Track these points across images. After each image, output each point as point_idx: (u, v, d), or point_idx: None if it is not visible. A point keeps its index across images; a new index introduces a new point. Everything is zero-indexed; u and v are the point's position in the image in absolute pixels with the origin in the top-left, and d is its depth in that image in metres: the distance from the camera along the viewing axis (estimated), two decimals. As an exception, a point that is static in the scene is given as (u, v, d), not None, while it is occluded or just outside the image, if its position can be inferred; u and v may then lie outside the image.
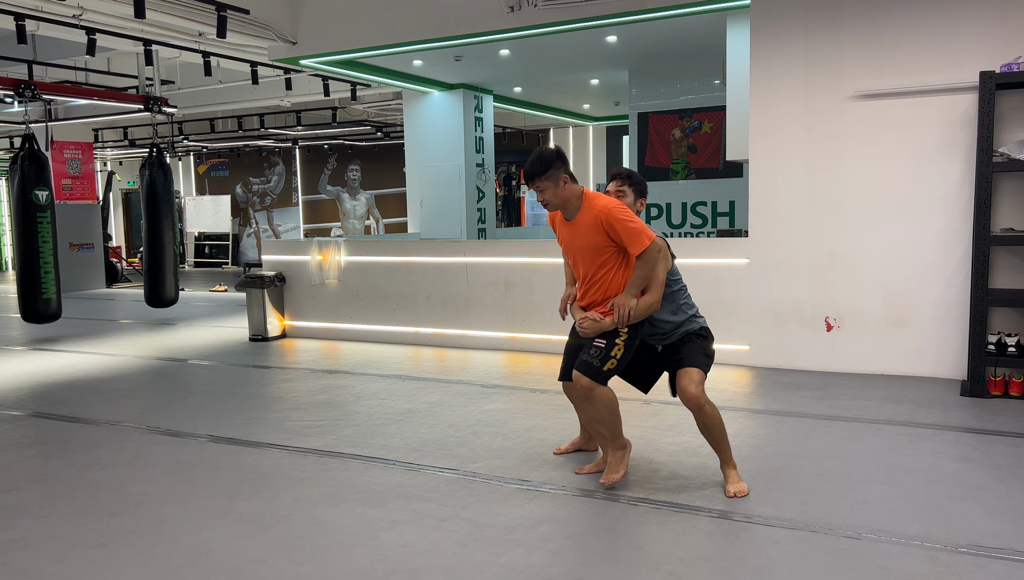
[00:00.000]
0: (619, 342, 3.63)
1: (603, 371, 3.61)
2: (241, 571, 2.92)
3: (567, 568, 2.89)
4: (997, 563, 2.87)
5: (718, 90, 9.46)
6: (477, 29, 7.39)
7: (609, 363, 3.61)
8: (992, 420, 4.71)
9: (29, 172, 8.08)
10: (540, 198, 3.65)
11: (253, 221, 19.71)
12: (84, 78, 11.17)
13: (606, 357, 3.61)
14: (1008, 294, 5.31)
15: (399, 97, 12.29)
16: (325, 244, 8.33)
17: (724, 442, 3.70)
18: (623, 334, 3.65)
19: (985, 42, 5.45)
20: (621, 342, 3.63)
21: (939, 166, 5.66)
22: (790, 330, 6.19)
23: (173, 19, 7.37)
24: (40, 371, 6.88)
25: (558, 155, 3.62)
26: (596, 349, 3.62)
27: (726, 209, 9.56)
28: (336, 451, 4.35)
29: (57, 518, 3.47)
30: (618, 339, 3.63)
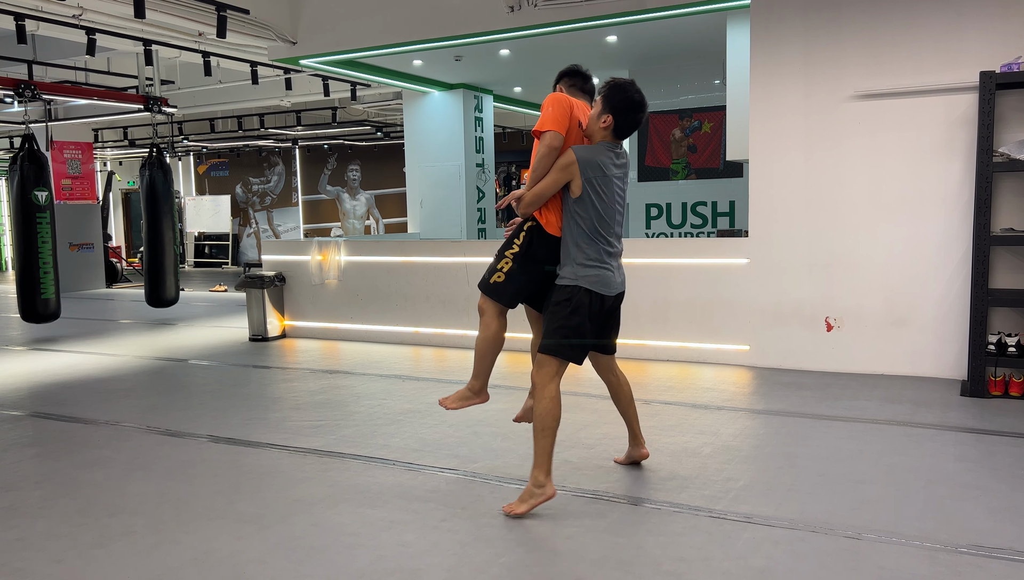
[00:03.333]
0: (507, 255, 3.56)
1: (488, 283, 3.56)
2: (241, 571, 2.92)
3: (567, 568, 2.89)
4: (997, 563, 2.87)
5: (718, 90, 9.46)
6: (477, 29, 7.39)
7: (496, 276, 3.54)
8: (992, 420, 4.71)
9: (29, 172, 8.08)
10: None
11: (253, 221, 19.71)
12: (84, 78, 11.17)
13: (493, 269, 3.56)
14: (1008, 294, 5.31)
15: (399, 97, 12.29)
16: (325, 244, 8.32)
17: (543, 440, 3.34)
18: (513, 247, 3.56)
19: (985, 42, 5.45)
20: (509, 255, 3.56)
21: (939, 166, 5.66)
22: (790, 330, 6.19)
23: (173, 19, 7.37)
24: (40, 371, 6.88)
25: None
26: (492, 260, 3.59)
27: (726, 209, 9.56)
28: (336, 451, 4.35)
29: (57, 518, 3.47)
30: (507, 252, 3.57)
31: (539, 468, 3.35)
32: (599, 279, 3.41)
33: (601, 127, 3.41)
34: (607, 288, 3.44)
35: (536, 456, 3.37)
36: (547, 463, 3.35)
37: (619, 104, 3.38)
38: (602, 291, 3.42)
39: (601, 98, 3.41)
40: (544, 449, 3.35)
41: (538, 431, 3.36)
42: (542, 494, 3.34)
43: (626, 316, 6.73)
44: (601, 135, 3.44)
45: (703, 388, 5.68)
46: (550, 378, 3.38)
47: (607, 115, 3.39)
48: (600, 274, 3.41)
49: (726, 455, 4.14)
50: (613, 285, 3.47)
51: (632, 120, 3.41)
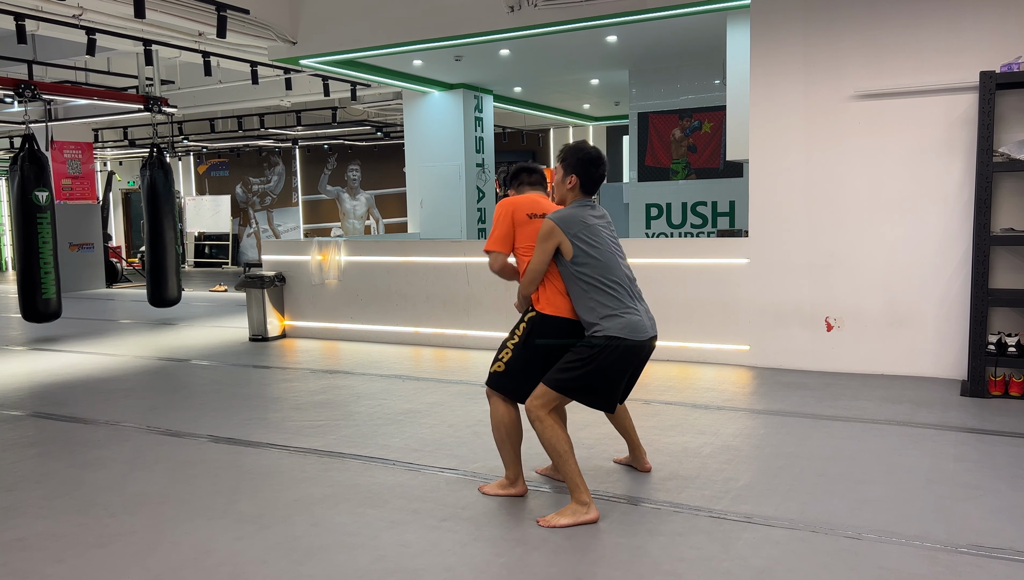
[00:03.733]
0: (508, 345, 3.55)
1: (490, 373, 3.56)
2: (241, 571, 2.92)
3: (567, 568, 2.89)
4: (997, 563, 2.87)
5: (718, 90, 9.46)
6: (477, 29, 7.39)
7: (495, 366, 3.54)
8: (992, 420, 4.71)
9: (29, 172, 8.08)
10: None
11: (253, 221, 19.71)
12: (84, 78, 11.17)
13: (495, 358, 3.57)
14: (1008, 294, 5.31)
15: (399, 97, 12.28)
16: (325, 244, 8.32)
17: (564, 466, 3.33)
18: (514, 338, 3.56)
19: (985, 42, 5.45)
20: (510, 345, 3.54)
21: (939, 166, 5.66)
22: (790, 330, 6.19)
23: (173, 19, 7.37)
24: (40, 371, 6.88)
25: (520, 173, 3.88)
26: None
27: (726, 209, 9.56)
28: (336, 451, 4.35)
29: (57, 518, 3.47)
30: (508, 342, 3.56)
31: (575, 491, 3.32)
32: (627, 325, 3.30)
33: (568, 188, 3.50)
34: (637, 333, 3.32)
35: (568, 483, 3.33)
36: (581, 483, 3.33)
37: (578, 163, 3.47)
38: (632, 337, 3.30)
39: (561, 163, 3.51)
40: (572, 473, 3.32)
41: (557, 460, 3.34)
42: (585, 513, 3.30)
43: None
44: (571, 196, 3.52)
45: (703, 388, 5.68)
46: (545, 409, 3.33)
47: (571, 176, 3.48)
48: (627, 320, 3.31)
49: (726, 455, 4.14)
50: (643, 329, 3.36)
51: (595, 174, 3.49)
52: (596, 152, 3.52)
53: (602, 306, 3.33)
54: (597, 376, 3.31)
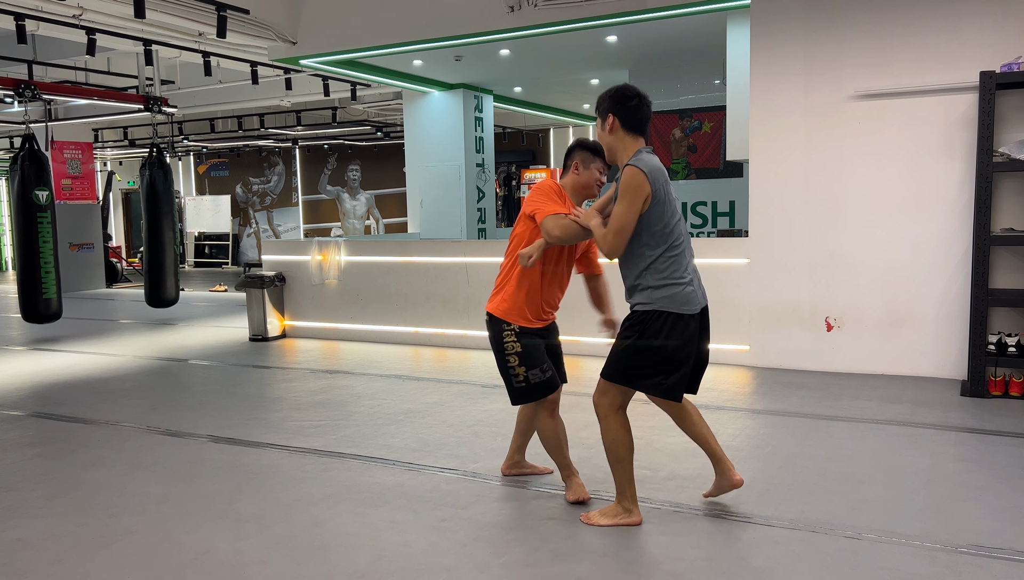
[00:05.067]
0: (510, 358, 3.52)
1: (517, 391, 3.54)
2: (241, 571, 2.92)
3: (567, 568, 2.89)
4: (997, 563, 2.87)
5: (718, 90, 9.46)
6: (477, 29, 7.39)
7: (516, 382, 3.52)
8: (992, 420, 4.71)
9: (29, 172, 8.08)
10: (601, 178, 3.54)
11: (253, 221, 19.71)
12: (84, 78, 11.17)
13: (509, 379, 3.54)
14: (1008, 294, 5.31)
15: (399, 97, 12.28)
16: (325, 244, 8.32)
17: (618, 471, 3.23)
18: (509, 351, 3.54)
19: (985, 42, 5.44)
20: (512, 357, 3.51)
21: (939, 166, 5.66)
22: (790, 330, 6.19)
23: (173, 19, 7.37)
24: (40, 371, 6.88)
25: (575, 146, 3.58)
26: None
27: (726, 209, 9.56)
28: (336, 451, 4.35)
29: (57, 518, 3.47)
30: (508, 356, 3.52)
31: (622, 496, 3.26)
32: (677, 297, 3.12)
33: (610, 134, 3.20)
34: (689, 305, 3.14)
35: (617, 485, 3.27)
36: (631, 491, 3.25)
37: (612, 101, 3.19)
38: (683, 310, 3.12)
39: (597, 112, 3.27)
40: (624, 478, 3.24)
41: (612, 463, 3.24)
42: (627, 517, 3.25)
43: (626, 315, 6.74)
44: (624, 143, 3.20)
45: (703, 388, 5.66)
46: (611, 408, 3.21)
47: (608, 116, 3.19)
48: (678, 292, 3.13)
49: (726, 455, 4.13)
50: (694, 301, 3.18)
51: (634, 108, 3.17)
52: (632, 88, 3.21)
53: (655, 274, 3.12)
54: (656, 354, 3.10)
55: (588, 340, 6.87)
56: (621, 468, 3.22)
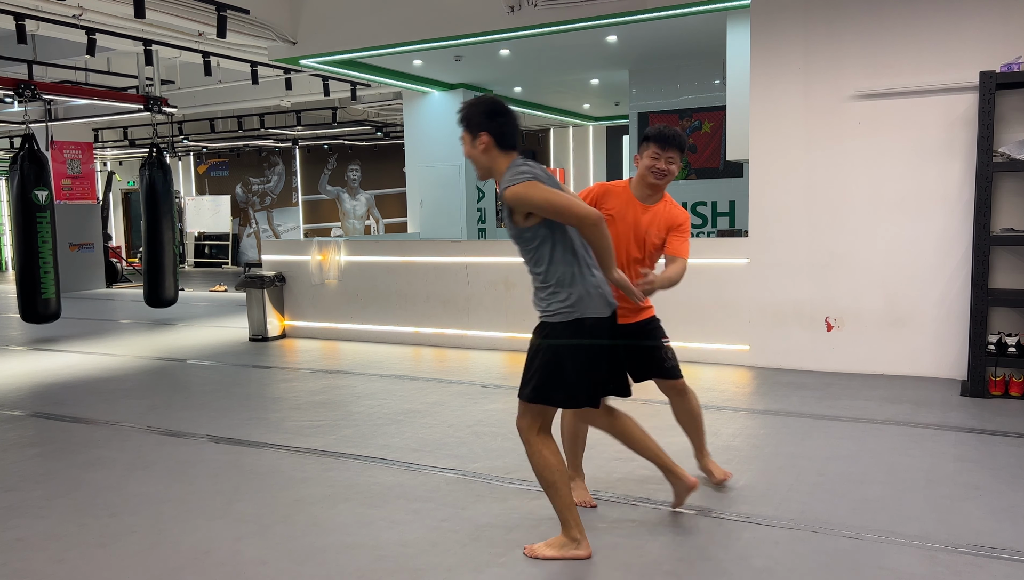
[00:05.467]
0: None
1: None
2: (241, 571, 2.92)
3: (567, 568, 2.89)
4: (997, 563, 2.87)
5: (718, 90, 9.46)
6: (477, 29, 7.39)
7: None
8: (992, 420, 4.71)
9: (29, 172, 8.08)
10: (666, 167, 3.52)
11: (253, 221, 19.71)
12: (84, 78, 11.17)
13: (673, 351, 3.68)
14: (1008, 294, 5.31)
15: (399, 97, 12.28)
16: (325, 244, 8.32)
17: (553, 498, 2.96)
18: None
19: (985, 42, 5.44)
20: None
21: (939, 166, 5.66)
22: (790, 330, 6.19)
23: (173, 19, 7.37)
24: (40, 371, 6.88)
25: None
26: (668, 349, 3.66)
27: (726, 209, 9.56)
28: (336, 451, 4.35)
29: (57, 518, 3.47)
30: None
31: (565, 525, 2.98)
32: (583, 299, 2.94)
33: (481, 150, 3.00)
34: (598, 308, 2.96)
35: (558, 514, 2.99)
36: (572, 517, 2.96)
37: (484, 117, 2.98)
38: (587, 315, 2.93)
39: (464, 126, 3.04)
40: (561, 505, 2.95)
41: (545, 489, 2.97)
42: (574, 548, 2.97)
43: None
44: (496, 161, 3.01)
45: (703, 388, 5.68)
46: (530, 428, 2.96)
47: (481, 134, 2.97)
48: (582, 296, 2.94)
49: (726, 455, 4.14)
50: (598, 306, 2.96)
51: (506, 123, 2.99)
52: (501, 102, 3.03)
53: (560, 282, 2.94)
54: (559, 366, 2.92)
55: (588, 340, 6.87)
56: (555, 494, 2.93)
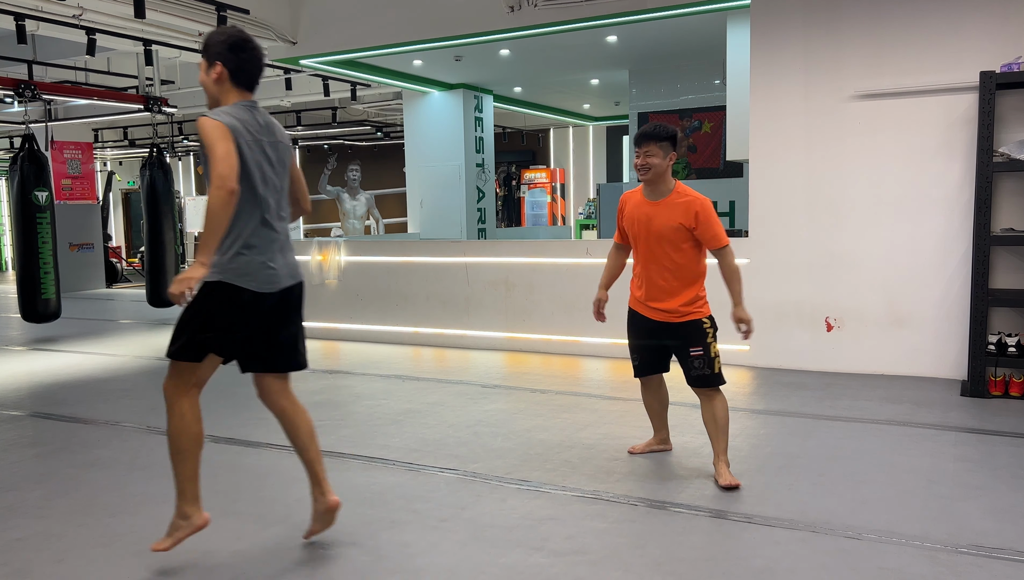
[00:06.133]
0: (712, 343, 3.77)
1: (718, 374, 3.78)
2: (241, 571, 2.92)
3: (567, 568, 2.89)
4: (997, 563, 2.87)
5: (718, 90, 9.46)
6: (477, 29, 7.39)
7: (717, 363, 3.77)
8: (992, 420, 4.71)
9: (29, 172, 8.08)
10: (643, 161, 3.69)
11: (253, 221, 19.68)
12: (84, 78, 11.17)
13: (713, 360, 3.75)
14: (1008, 294, 5.31)
15: (399, 97, 12.28)
16: (325, 244, 8.32)
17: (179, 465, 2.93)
18: (709, 331, 3.78)
19: (985, 42, 5.44)
20: (714, 340, 3.79)
21: (939, 166, 5.66)
22: (790, 330, 6.19)
23: (173, 19, 7.37)
24: (40, 371, 6.88)
25: (674, 135, 3.74)
26: (698, 359, 3.73)
27: (726, 209, 9.55)
28: (336, 451, 4.35)
29: (57, 518, 3.47)
30: (709, 339, 3.76)
31: (181, 498, 2.90)
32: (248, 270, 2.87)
33: (215, 81, 2.90)
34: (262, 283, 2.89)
35: (177, 484, 2.90)
36: (191, 490, 2.90)
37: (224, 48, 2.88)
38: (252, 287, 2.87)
39: (204, 55, 2.92)
40: (185, 475, 2.89)
41: (173, 454, 2.89)
42: (189, 525, 2.90)
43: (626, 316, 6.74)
44: (227, 95, 2.91)
45: (703, 388, 5.67)
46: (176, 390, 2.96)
47: (216, 64, 2.87)
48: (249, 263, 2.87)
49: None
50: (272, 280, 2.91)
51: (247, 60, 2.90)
52: (249, 38, 2.93)
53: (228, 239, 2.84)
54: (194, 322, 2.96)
55: (588, 340, 6.88)
56: (182, 461, 2.86)
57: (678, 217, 3.68)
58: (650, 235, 3.75)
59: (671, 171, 3.77)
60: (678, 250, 3.73)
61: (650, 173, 3.69)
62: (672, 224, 3.69)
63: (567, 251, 7.08)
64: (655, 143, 3.67)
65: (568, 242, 7.55)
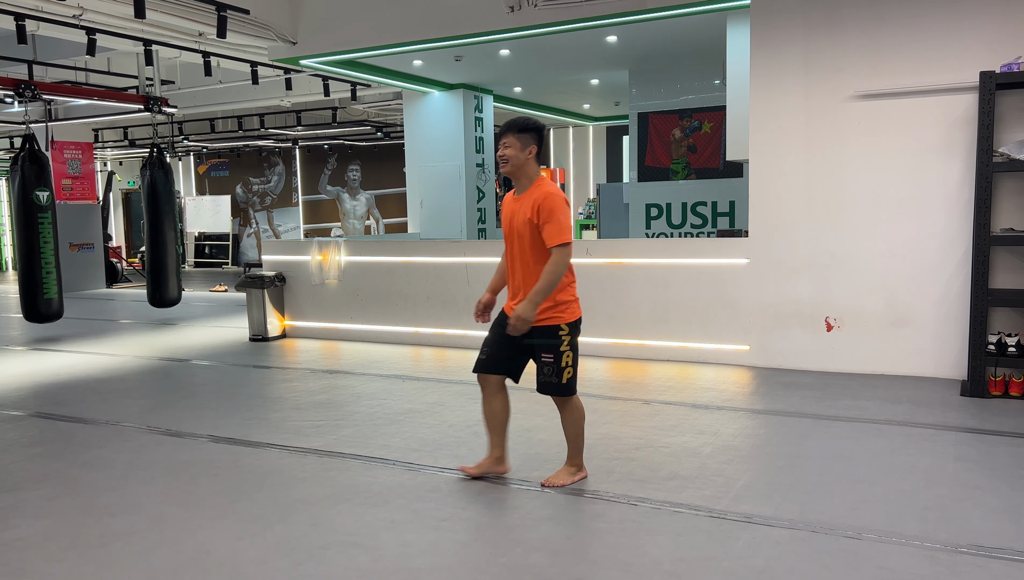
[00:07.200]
0: (566, 351, 3.58)
1: (566, 384, 3.61)
2: (241, 571, 2.93)
3: (567, 568, 2.89)
4: (997, 563, 2.87)
5: (718, 90, 9.46)
6: (477, 29, 7.39)
7: (567, 373, 3.60)
8: (992, 420, 4.71)
9: (29, 173, 8.08)
10: (501, 152, 3.63)
11: (253, 221, 19.71)
12: (84, 78, 11.17)
13: (562, 369, 3.58)
14: (1008, 294, 5.31)
15: (399, 97, 12.29)
16: (325, 244, 8.33)
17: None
18: (565, 338, 3.57)
19: (985, 42, 5.45)
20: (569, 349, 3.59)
21: (939, 166, 5.66)
22: (790, 330, 6.19)
23: (173, 19, 7.37)
24: (40, 371, 6.88)
25: (536, 127, 3.64)
26: (547, 366, 3.59)
27: (726, 209, 9.56)
28: (336, 451, 4.35)
29: (57, 518, 3.47)
30: (563, 347, 3.57)
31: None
32: None
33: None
34: None
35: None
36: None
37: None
38: None
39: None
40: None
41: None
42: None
43: (626, 316, 6.75)
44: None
45: (703, 388, 5.68)
46: None
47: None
48: None
49: (726, 455, 4.14)
50: None
51: None
52: None
53: None
54: None
55: (587, 340, 6.88)
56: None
57: (528, 211, 3.55)
58: (512, 231, 3.64)
59: (534, 165, 3.64)
60: (533, 247, 3.57)
61: (508, 165, 3.61)
62: (524, 219, 3.56)
63: (567, 251, 7.08)
64: (513, 134, 3.58)
65: (568, 242, 7.54)
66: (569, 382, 3.61)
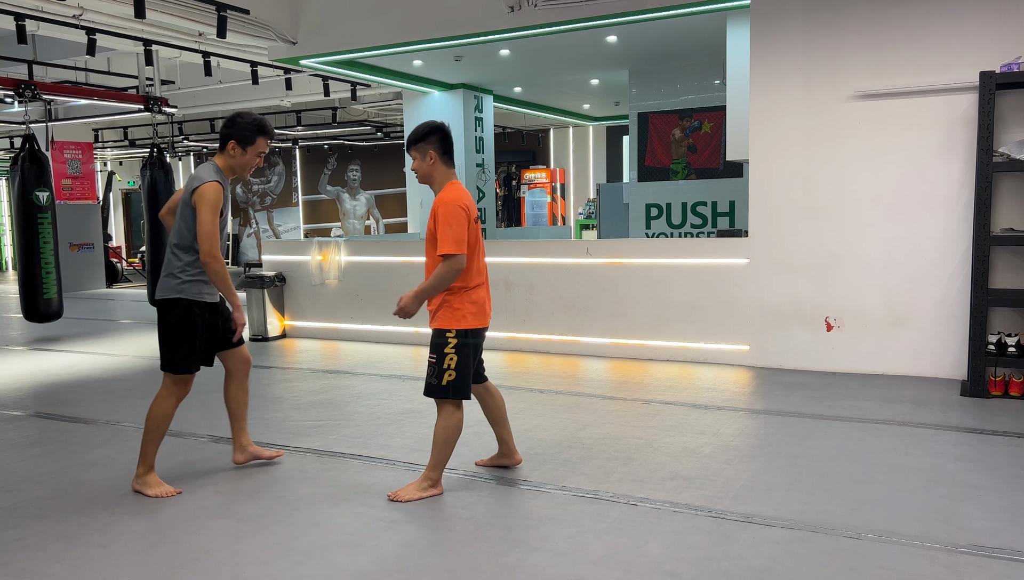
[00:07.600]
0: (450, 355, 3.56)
1: (445, 388, 3.59)
2: (241, 571, 2.93)
3: (567, 568, 2.89)
4: (997, 563, 2.87)
5: (718, 90, 9.46)
6: (477, 29, 7.39)
7: (447, 376, 3.57)
8: (992, 420, 4.71)
9: (29, 173, 8.09)
10: (413, 167, 3.67)
11: (253, 221, 19.72)
12: (84, 78, 11.17)
13: (443, 372, 3.57)
14: (1008, 294, 5.31)
15: (399, 97, 12.29)
16: (325, 244, 8.33)
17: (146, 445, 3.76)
18: (451, 341, 3.56)
19: (985, 42, 5.45)
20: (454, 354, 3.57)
21: (939, 166, 5.66)
22: (790, 330, 6.19)
23: (173, 19, 7.37)
24: (40, 371, 6.88)
25: (426, 132, 3.60)
26: (430, 366, 3.60)
27: (726, 209, 9.56)
28: (336, 451, 4.35)
29: (57, 518, 3.47)
30: (447, 350, 3.56)
31: None
32: None
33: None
34: None
35: None
36: None
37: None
38: None
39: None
40: None
41: None
42: None
43: (626, 316, 6.75)
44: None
45: (703, 388, 5.68)
46: None
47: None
48: None
49: (726, 455, 4.14)
50: None
51: None
52: None
53: None
54: None
55: (588, 340, 6.88)
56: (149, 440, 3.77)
57: (431, 216, 3.59)
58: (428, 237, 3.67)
59: (441, 169, 3.63)
60: (432, 252, 3.59)
61: (420, 177, 3.66)
62: (430, 223, 3.59)
63: (567, 251, 7.09)
64: (411, 149, 3.62)
65: (568, 242, 7.55)
66: (448, 386, 3.57)
